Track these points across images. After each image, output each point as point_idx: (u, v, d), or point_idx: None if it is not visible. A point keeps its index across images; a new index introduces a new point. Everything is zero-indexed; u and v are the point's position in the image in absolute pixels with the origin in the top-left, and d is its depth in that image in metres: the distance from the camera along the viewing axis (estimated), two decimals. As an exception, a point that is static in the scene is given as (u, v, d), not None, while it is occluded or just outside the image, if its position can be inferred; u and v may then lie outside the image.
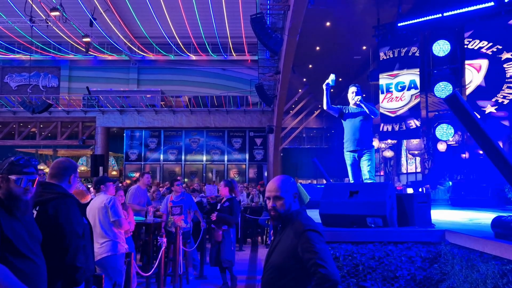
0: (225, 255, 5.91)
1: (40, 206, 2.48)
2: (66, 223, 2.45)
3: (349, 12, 13.38)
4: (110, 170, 26.64)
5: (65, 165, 2.72)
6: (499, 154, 2.86)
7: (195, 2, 20.31)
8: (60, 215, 2.47)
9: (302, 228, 2.06)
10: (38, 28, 20.48)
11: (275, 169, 23.49)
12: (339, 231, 3.87)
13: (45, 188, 2.59)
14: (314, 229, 2.06)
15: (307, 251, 1.98)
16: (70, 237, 2.43)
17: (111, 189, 4.56)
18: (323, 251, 1.97)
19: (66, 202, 2.55)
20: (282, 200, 2.17)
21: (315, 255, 1.94)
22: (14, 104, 23.70)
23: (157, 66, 27.13)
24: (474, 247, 3.17)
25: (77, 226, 2.51)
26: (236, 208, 6.11)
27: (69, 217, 2.49)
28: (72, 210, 2.55)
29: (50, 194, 2.55)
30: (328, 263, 1.93)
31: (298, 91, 23.35)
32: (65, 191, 2.63)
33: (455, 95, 2.98)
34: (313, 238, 2.01)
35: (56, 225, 2.43)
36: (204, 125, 24.13)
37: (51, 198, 2.53)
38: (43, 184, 2.63)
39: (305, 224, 2.09)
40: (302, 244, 2.01)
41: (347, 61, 18.11)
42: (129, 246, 4.93)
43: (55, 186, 2.63)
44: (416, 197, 4.22)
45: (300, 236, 2.04)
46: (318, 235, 2.05)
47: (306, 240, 2.01)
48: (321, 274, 1.90)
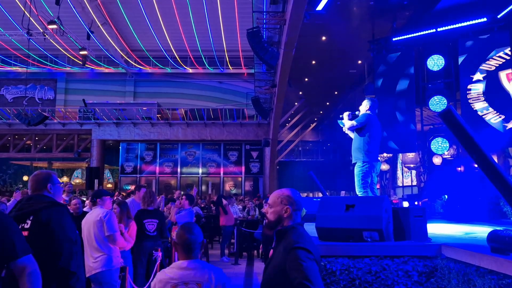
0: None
1: (34, 216, 2.50)
2: (58, 229, 2.47)
3: (345, 27, 13.55)
4: (106, 182, 26.50)
5: (39, 177, 2.73)
6: (494, 169, 2.88)
7: (192, 16, 20.49)
8: (52, 221, 2.49)
9: (291, 245, 2.03)
10: (35, 41, 20.55)
11: (271, 182, 23.46)
12: (335, 245, 3.86)
13: (35, 200, 2.61)
14: (302, 246, 2.01)
15: (294, 269, 1.93)
16: (62, 242, 2.45)
17: (107, 203, 4.53)
18: (310, 270, 1.92)
19: (58, 210, 2.58)
20: (272, 209, 2.23)
21: (301, 274, 1.90)
22: (9, 117, 23.62)
23: (154, 79, 27.20)
24: (470, 261, 3.17)
25: (70, 232, 2.52)
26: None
27: (62, 223, 2.51)
28: (65, 217, 2.57)
29: (42, 204, 2.57)
30: (313, 283, 1.87)
31: (294, 104, 23.48)
32: (55, 200, 2.66)
33: (450, 110, 3.01)
34: (301, 256, 1.96)
35: (49, 231, 2.45)
36: (200, 138, 24.13)
37: (43, 207, 2.55)
38: (32, 197, 2.65)
39: (295, 240, 2.05)
40: (289, 261, 1.98)
41: (342, 75, 18.28)
42: (127, 259, 4.88)
43: (43, 197, 2.65)
44: (412, 211, 4.22)
45: (288, 253, 2.00)
46: (307, 252, 1.99)
47: (293, 257, 1.97)
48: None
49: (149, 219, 5.65)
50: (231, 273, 8.46)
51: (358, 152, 5.14)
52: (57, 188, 2.74)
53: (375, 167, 5.14)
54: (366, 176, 5.06)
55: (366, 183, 5.05)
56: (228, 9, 19.71)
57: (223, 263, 9.55)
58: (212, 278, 2.34)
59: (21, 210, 2.56)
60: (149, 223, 5.62)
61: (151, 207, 5.77)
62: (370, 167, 5.08)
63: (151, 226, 5.61)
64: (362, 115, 5.21)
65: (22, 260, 2.05)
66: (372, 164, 5.09)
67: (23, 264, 2.05)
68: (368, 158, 5.08)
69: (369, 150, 5.09)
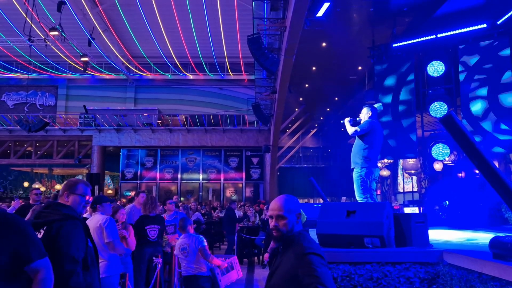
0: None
1: (46, 227, 2.49)
2: (64, 246, 2.44)
3: (345, 33, 13.59)
4: (106, 188, 26.47)
5: (65, 185, 2.74)
6: (495, 174, 2.87)
7: (192, 22, 20.59)
8: (60, 237, 2.45)
9: (303, 251, 2.00)
10: (36, 48, 20.65)
11: (272, 188, 23.42)
12: (336, 251, 3.84)
13: (53, 209, 2.59)
14: (315, 252, 2.00)
15: (308, 275, 1.91)
16: (64, 260, 2.41)
17: (107, 209, 4.51)
18: (324, 275, 1.91)
19: (69, 225, 2.53)
20: (285, 220, 2.12)
21: (316, 280, 1.87)
22: (10, 123, 23.66)
23: (154, 85, 27.26)
24: (472, 267, 3.15)
25: (75, 250, 2.47)
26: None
27: (69, 240, 2.47)
28: (74, 234, 2.52)
29: (56, 216, 2.54)
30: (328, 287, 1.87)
31: (294, 110, 23.50)
32: (72, 212, 2.61)
33: (451, 116, 3.00)
34: (315, 261, 1.94)
35: (55, 247, 2.42)
36: (200, 144, 24.13)
37: (56, 220, 2.52)
38: (51, 205, 2.63)
39: (307, 246, 2.03)
40: (302, 267, 1.95)
41: (343, 81, 18.31)
42: (128, 265, 4.86)
43: (62, 207, 2.61)
44: (413, 217, 4.20)
45: (301, 259, 1.97)
46: (320, 258, 1.98)
47: (307, 263, 1.94)
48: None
49: (151, 225, 5.64)
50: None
51: (357, 157, 5.17)
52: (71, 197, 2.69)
53: (373, 173, 5.13)
54: (364, 181, 5.07)
55: (366, 188, 5.06)
56: (228, 16, 19.80)
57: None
58: (193, 241, 4.82)
59: (38, 218, 2.55)
60: (151, 229, 5.61)
61: (153, 213, 5.76)
62: (368, 173, 5.09)
63: (153, 232, 5.60)
64: (365, 122, 5.22)
65: (36, 264, 2.07)
66: (370, 170, 5.10)
67: (37, 268, 2.07)
68: (367, 164, 5.10)
69: (368, 157, 5.11)
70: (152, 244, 5.57)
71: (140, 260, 5.47)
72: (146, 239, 5.51)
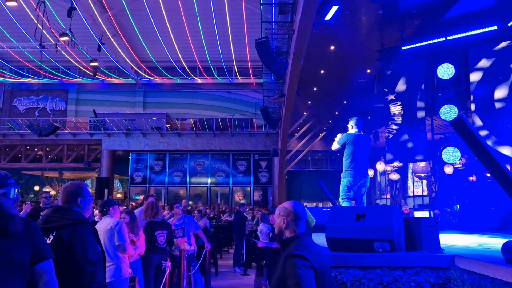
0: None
1: (56, 232, 2.46)
2: (81, 251, 2.43)
3: (353, 36, 13.55)
4: (115, 192, 26.63)
5: (70, 190, 2.69)
6: (507, 178, 2.83)
7: (201, 27, 20.69)
8: (75, 243, 2.44)
9: (290, 252, 2.10)
10: (47, 53, 20.91)
11: (280, 192, 23.37)
12: (346, 255, 3.80)
13: (63, 214, 2.56)
14: (299, 254, 2.06)
15: (290, 276, 2.00)
16: (84, 265, 2.40)
17: (117, 213, 4.53)
18: (303, 276, 1.97)
19: (82, 229, 2.52)
20: (275, 224, 2.32)
21: (294, 281, 1.96)
22: (21, 127, 23.95)
23: (163, 90, 27.42)
24: (484, 272, 3.10)
25: (92, 254, 2.48)
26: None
27: (84, 245, 2.46)
28: (88, 237, 2.52)
29: (67, 220, 2.52)
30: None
31: (303, 114, 23.45)
32: (82, 217, 2.60)
33: (462, 118, 2.97)
34: (296, 263, 2.02)
35: (71, 253, 2.41)
36: (209, 148, 24.19)
37: (67, 224, 2.50)
38: (59, 209, 2.61)
39: (294, 248, 2.11)
40: (287, 268, 2.04)
41: (351, 84, 18.23)
42: (137, 269, 4.86)
43: (72, 212, 2.60)
44: (424, 221, 4.15)
45: (287, 261, 2.08)
46: (302, 260, 2.03)
47: (290, 265, 2.04)
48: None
49: (160, 230, 5.61)
50: (241, 284, 8.41)
51: (343, 167, 5.69)
52: (87, 201, 2.70)
53: (358, 181, 5.54)
54: (346, 189, 5.55)
55: (347, 196, 5.54)
56: (236, 20, 19.87)
57: (235, 273, 9.54)
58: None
59: (47, 223, 2.52)
60: (160, 235, 5.58)
61: (158, 219, 5.73)
62: (351, 181, 5.52)
63: (162, 238, 5.57)
64: (341, 137, 5.75)
65: (40, 266, 2.05)
66: (355, 178, 5.53)
67: (41, 271, 2.06)
68: (349, 173, 5.56)
69: (350, 166, 5.58)
70: (161, 250, 5.54)
71: (148, 266, 5.44)
72: (155, 245, 5.49)
